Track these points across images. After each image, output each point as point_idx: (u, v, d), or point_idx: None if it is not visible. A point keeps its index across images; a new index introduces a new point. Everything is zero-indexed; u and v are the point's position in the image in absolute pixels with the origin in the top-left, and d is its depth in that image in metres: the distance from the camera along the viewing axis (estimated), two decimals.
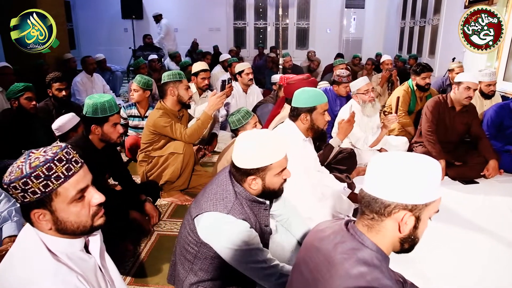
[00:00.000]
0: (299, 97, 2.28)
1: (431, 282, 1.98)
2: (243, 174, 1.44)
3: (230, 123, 2.77)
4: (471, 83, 3.23)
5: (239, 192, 1.47)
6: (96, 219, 1.08)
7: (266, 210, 1.58)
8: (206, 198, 1.48)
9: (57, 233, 1.02)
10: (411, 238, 1.02)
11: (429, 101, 3.50)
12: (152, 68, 6.36)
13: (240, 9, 10.61)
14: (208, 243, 1.46)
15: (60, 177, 0.98)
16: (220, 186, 1.49)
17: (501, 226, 2.56)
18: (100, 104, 2.20)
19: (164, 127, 2.80)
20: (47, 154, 0.98)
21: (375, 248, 1.01)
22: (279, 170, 1.44)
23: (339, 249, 1.02)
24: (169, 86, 2.88)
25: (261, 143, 1.41)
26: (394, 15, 9.83)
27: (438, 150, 3.28)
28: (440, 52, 7.37)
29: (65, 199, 1.00)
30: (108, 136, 2.26)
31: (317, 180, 2.41)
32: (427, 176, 0.98)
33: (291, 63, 6.50)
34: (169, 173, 2.84)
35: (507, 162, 3.40)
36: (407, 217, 0.98)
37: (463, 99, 3.27)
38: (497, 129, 3.54)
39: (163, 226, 2.61)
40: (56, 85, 3.65)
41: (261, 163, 1.40)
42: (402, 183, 0.98)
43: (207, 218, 1.44)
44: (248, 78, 4.51)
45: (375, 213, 1.02)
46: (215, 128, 4.14)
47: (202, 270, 1.51)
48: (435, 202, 1.00)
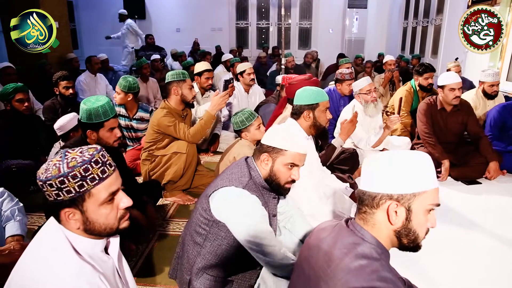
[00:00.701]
0: (301, 95, 2.32)
1: (434, 282, 1.97)
2: (261, 150, 1.58)
3: (234, 124, 2.77)
4: (454, 83, 3.22)
5: (254, 177, 1.58)
6: (122, 222, 1.10)
7: (275, 199, 1.66)
8: (221, 178, 1.59)
9: (84, 233, 1.04)
10: (406, 231, 1.03)
11: (420, 104, 3.49)
12: (154, 68, 6.37)
13: (243, 9, 10.61)
14: (220, 220, 1.53)
15: (95, 179, 1.00)
16: (237, 168, 1.61)
17: (504, 226, 2.55)
18: (94, 110, 2.10)
19: (168, 126, 2.80)
20: (84, 155, 1.01)
21: (375, 242, 1.03)
22: (289, 161, 1.54)
23: (339, 244, 1.04)
24: (173, 86, 2.88)
25: (289, 130, 1.62)
26: (396, 15, 9.82)
27: (439, 151, 3.27)
28: (443, 52, 7.35)
29: (97, 200, 1.02)
30: (105, 141, 2.18)
31: (319, 179, 2.41)
32: (411, 165, 1.01)
33: (293, 63, 6.50)
34: (171, 173, 2.85)
35: (510, 162, 3.39)
36: (394, 207, 1.01)
37: (451, 100, 3.26)
38: (500, 129, 3.53)
39: (165, 226, 2.62)
40: (63, 83, 3.67)
41: (279, 144, 1.54)
42: (386, 173, 1.02)
43: (222, 193, 1.53)
44: (250, 78, 4.51)
45: (366, 206, 1.06)
46: (217, 129, 4.14)
47: (210, 253, 1.55)
48: (427, 192, 1.00)
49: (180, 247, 1.73)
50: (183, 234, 1.73)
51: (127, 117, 3.56)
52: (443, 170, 3.24)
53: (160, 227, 2.59)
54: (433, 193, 1.01)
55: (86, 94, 5.05)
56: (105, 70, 6.36)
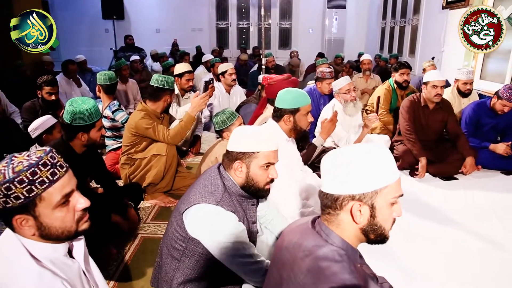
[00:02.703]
0: (283, 98, 2.27)
1: (415, 277, 2.01)
2: (231, 159, 1.50)
3: (215, 124, 2.76)
4: (437, 81, 3.32)
5: (228, 186, 1.49)
6: (81, 224, 1.06)
7: (253, 205, 1.60)
8: (194, 192, 1.49)
9: (41, 239, 1.00)
10: (372, 228, 1.02)
11: (404, 101, 3.58)
12: (134, 69, 6.30)
13: (223, 9, 10.58)
14: (196, 238, 1.46)
15: (44, 182, 0.96)
16: (209, 180, 1.51)
17: (480, 220, 2.63)
18: (87, 111, 2.13)
19: (147, 129, 2.78)
20: (31, 158, 0.97)
21: (339, 243, 1.02)
22: (264, 162, 1.47)
23: (302, 247, 1.03)
24: (166, 94, 2.91)
25: (254, 130, 1.51)
26: (375, 15, 9.98)
27: (418, 148, 3.35)
28: (420, 51, 7.51)
29: (49, 204, 0.98)
30: (93, 140, 2.23)
31: (301, 179, 2.42)
32: (369, 162, 0.99)
33: (274, 63, 6.53)
34: (152, 175, 2.82)
35: (484, 158, 3.50)
36: (358, 207, 1.00)
37: (432, 97, 3.36)
38: (474, 126, 3.63)
39: (147, 228, 2.59)
40: (47, 88, 3.61)
41: (249, 148, 1.46)
42: (345, 174, 1.00)
43: (196, 211, 1.45)
44: (231, 79, 4.51)
45: (329, 208, 1.04)
46: (198, 130, 4.12)
47: (189, 267, 1.50)
48: (388, 187, 0.99)
49: (159, 257, 1.67)
50: (161, 245, 1.67)
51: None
52: (420, 167, 3.32)
53: (141, 230, 2.57)
54: (395, 186, 1.01)
55: (61, 97, 4.94)
56: (82, 71, 6.24)
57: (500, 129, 3.66)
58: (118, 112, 3.50)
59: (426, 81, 3.40)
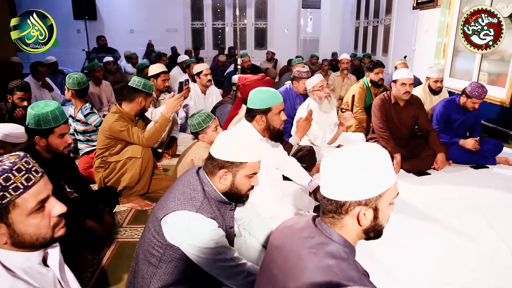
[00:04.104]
0: (254, 98, 2.25)
1: (389, 272, 2.06)
2: (216, 166, 1.47)
3: (191, 126, 2.74)
4: (405, 78, 3.42)
5: (208, 192, 1.48)
6: (57, 230, 1.03)
7: (231, 210, 1.60)
8: (173, 198, 1.46)
9: (13, 247, 0.97)
10: (374, 228, 1.06)
11: (375, 100, 3.65)
12: (107, 71, 6.18)
13: (198, 9, 10.52)
14: (175, 244, 1.44)
15: (19, 188, 0.93)
16: (188, 186, 1.49)
17: (451, 213, 2.71)
18: (43, 115, 2.00)
19: (121, 131, 2.73)
20: (4, 163, 0.93)
21: (342, 242, 1.04)
22: (250, 172, 1.48)
23: (307, 244, 1.04)
24: (141, 96, 2.84)
25: (244, 140, 1.48)
26: (349, 15, 10.14)
27: (392, 145, 3.42)
28: (392, 50, 7.68)
29: (24, 210, 0.95)
30: (55, 147, 2.10)
31: (277, 178, 2.43)
32: (374, 168, 1.01)
33: (249, 63, 6.54)
34: (127, 178, 2.77)
35: (455, 153, 3.61)
36: (364, 211, 1.02)
37: (402, 94, 3.45)
38: (445, 123, 3.74)
39: (123, 233, 2.54)
40: (19, 93, 3.46)
41: (238, 158, 1.45)
42: (351, 182, 1.01)
43: (175, 218, 1.42)
44: (207, 79, 4.48)
45: (333, 212, 1.06)
46: (174, 131, 4.08)
47: (167, 273, 1.48)
48: (389, 189, 1.03)
49: (135, 262, 1.63)
50: (137, 249, 1.63)
51: (73, 117, 3.47)
52: (395, 163, 3.39)
53: (118, 234, 2.52)
54: (394, 187, 1.05)
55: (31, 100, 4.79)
56: (54, 73, 6.07)
57: (468, 125, 3.80)
58: (91, 115, 3.42)
59: (395, 79, 3.49)
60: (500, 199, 2.96)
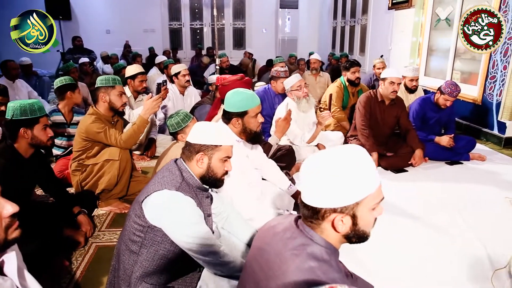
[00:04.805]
0: (230, 101, 2.22)
1: (369, 269, 2.09)
2: (193, 151, 1.57)
3: (169, 126, 2.71)
4: (394, 77, 3.49)
5: (186, 178, 1.56)
6: (11, 232, 0.95)
7: (208, 198, 1.66)
8: (153, 182, 1.55)
9: None
10: (355, 234, 1.04)
11: (361, 96, 3.71)
12: (83, 72, 6.04)
13: (175, 9, 10.42)
14: (156, 225, 1.49)
15: None
16: (167, 171, 1.57)
17: (428, 208, 2.78)
18: (29, 105, 2.11)
19: (98, 133, 2.67)
20: None
21: (324, 243, 1.04)
22: (224, 156, 1.58)
23: (290, 245, 1.04)
24: (100, 92, 2.76)
25: (217, 126, 1.62)
26: (326, 15, 10.24)
27: (371, 143, 3.48)
28: (369, 49, 7.80)
29: None
30: (39, 139, 2.17)
31: (255, 179, 2.43)
32: (351, 175, 0.98)
33: (228, 63, 6.53)
34: (105, 181, 2.72)
35: (430, 150, 3.71)
36: (340, 218, 1.01)
37: (389, 93, 3.51)
38: (421, 120, 3.83)
39: (102, 237, 2.50)
40: None
41: (213, 141, 1.56)
42: (325, 188, 0.99)
43: (156, 197, 1.49)
44: (185, 80, 4.45)
45: (310, 217, 1.05)
46: (152, 133, 4.03)
47: (148, 259, 1.51)
48: (369, 196, 1.00)
49: (115, 259, 1.65)
50: (118, 245, 1.66)
51: (65, 123, 3.40)
52: None
53: (96, 238, 2.47)
54: (376, 194, 1.01)
55: None
56: (27, 75, 5.90)
57: (443, 123, 3.90)
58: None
59: (384, 77, 3.54)
60: (473, 194, 3.05)
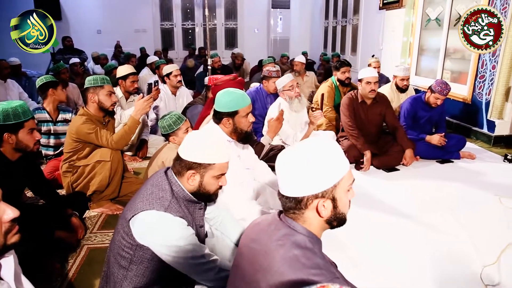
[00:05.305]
0: (221, 101, 2.22)
1: (361, 267, 2.10)
2: (184, 167, 1.47)
3: (161, 128, 2.70)
4: (370, 77, 3.51)
5: (177, 192, 1.48)
6: (10, 237, 0.96)
7: (201, 209, 1.60)
8: (141, 199, 1.46)
9: None
10: (336, 217, 1.09)
11: (343, 99, 3.72)
12: (74, 73, 6.00)
13: (167, 9, 10.38)
14: (144, 245, 1.42)
15: None
16: (156, 186, 1.48)
17: (420, 207, 2.80)
18: (12, 109, 2.02)
19: (88, 134, 2.65)
20: None
21: (306, 233, 1.07)
22: (218, 173, 1.48)
23: (274, 237, 1.07)
24: (89, 92, 2.73)
25: (211, 141, 1.47)
26: (318, 15, 10.28)
27: (362, 142, 3.50)
28: (361, 49, 7.85)
29: None
30: (24, 144, 2.08)
31: (247, 179, 2.42)
32: (324, 160, 1.03)
33: (220, 63, 6.52)
34: (97, 182, 2.70)
35: (421, 149, 3.74)
36: (322, 203, 1.05)
37: (367, 93, 3.53)
38: (412, 119, 3.86)
39: (94, 238, 2.48)
40: None
41: (205, 159, 1.45)
42: (303, 176, 1.04)
43: (144, 218, 1.42)
44: (177, 80, 4.44)
45: (293, 209, 1.08)
46: (144, 134, 4.01)
47: (138, 275, 1.46)
48: (344, 177, 1.06)
49: (106, 266, 1.61)
50: (108, 252, 1.61)
51: (50, 121, 3.37)
52: (365, 160, 3.47)
53: (88, 240, 2.45)
54: (348, 175, 1.07)
55: None
56: (17, 75, 5.83)
57: (434, 121, 3.93)
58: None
59: (360, 78, 3.57)
60: (464, 191, 3.07)
